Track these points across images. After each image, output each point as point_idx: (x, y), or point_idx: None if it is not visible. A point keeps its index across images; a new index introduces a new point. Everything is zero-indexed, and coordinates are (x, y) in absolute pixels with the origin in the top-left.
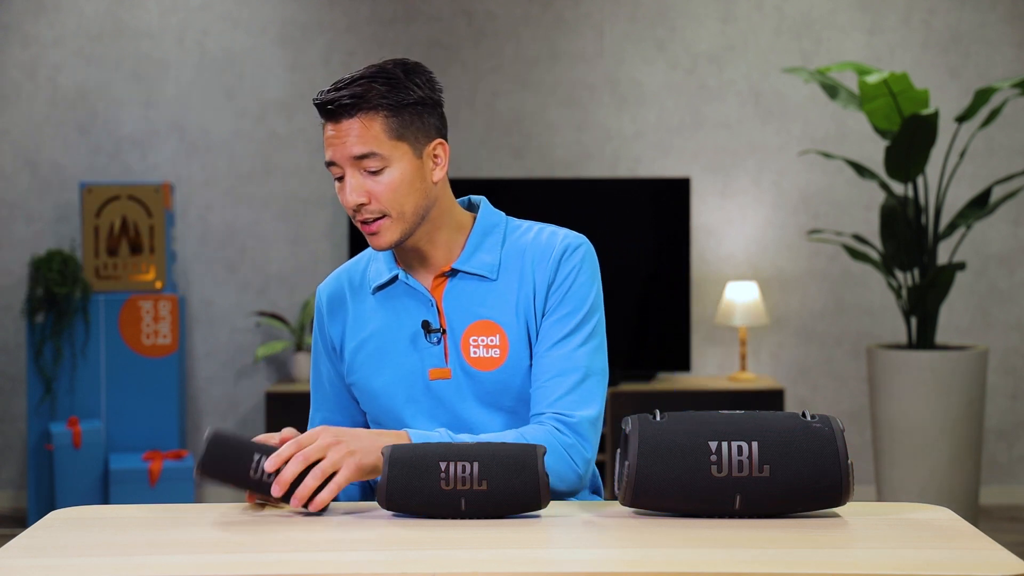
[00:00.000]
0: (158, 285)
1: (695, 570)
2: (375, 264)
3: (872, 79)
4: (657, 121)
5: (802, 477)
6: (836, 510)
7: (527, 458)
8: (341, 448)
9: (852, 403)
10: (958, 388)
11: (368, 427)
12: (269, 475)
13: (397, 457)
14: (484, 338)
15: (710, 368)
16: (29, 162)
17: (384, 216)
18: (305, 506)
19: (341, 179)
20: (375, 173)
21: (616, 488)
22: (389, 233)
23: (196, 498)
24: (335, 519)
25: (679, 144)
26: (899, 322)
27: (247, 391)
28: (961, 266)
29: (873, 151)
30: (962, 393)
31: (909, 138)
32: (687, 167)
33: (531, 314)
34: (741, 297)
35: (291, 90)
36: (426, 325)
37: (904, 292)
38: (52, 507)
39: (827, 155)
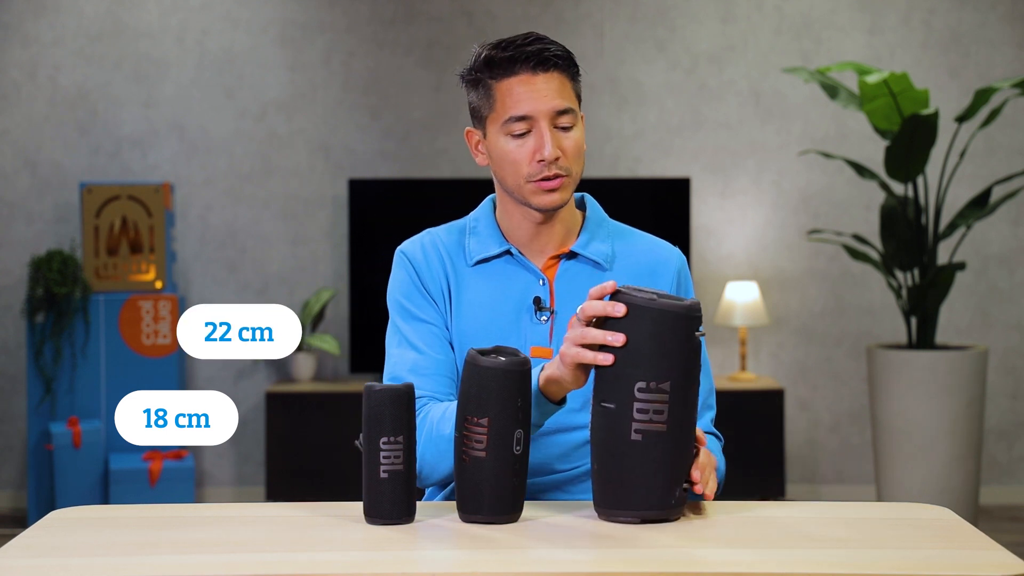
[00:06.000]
0: (158, 285)
1: (695, 570)
2: (475, 238)
3: (872, 79)
4: (657, 121)
5: None
6: (837, 509)
7: None
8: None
9: (852, 403)
10: (958, 388)
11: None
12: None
13: None
14: None
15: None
16: (29, 162)
17: (566, 175)
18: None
19: (522, 135)
20: (566, 130)
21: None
22: (565, 192)
23: (196, 498)
24: (332, 520)
25: (679, 144)
26: (899, 322)
27: (247, 391)
28: (961, 266)
29: (873, 151)
30: (962, 393)
31: (909, 138)
32: (687, 167)
33: None
34: (741, 297)
35: (291, 90)
36: (537, 301)
37: (904, 292)
38: (52, 507)
39: (827, 155)
